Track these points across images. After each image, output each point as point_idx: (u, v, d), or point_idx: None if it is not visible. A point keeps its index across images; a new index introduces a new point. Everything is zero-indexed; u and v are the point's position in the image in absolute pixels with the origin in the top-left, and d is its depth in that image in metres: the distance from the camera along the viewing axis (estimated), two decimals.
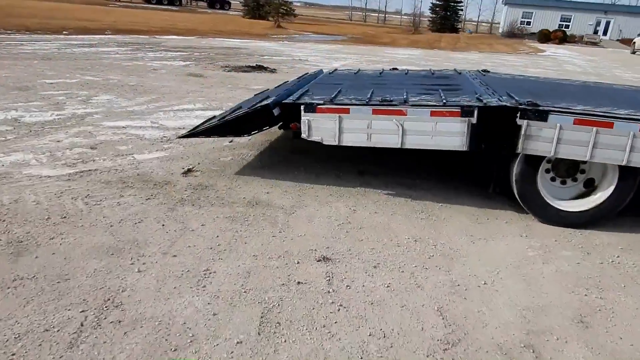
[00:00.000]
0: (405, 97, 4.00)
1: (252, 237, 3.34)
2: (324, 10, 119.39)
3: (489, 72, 5.99)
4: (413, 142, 3.84)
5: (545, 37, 40.29)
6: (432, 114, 3.73)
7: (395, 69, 6.50)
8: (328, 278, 2.89)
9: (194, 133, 4.48)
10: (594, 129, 3.51)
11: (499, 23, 64.07)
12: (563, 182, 4.03)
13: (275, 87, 5.99)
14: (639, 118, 3.46)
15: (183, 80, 9.34)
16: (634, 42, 34.65)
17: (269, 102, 4.12)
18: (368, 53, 19.44)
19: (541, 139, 3.61)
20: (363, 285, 2.84)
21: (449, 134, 3.76)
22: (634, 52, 33.86)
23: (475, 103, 3.74)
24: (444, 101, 3.81)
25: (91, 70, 9.82)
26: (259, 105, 4.16)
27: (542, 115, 3.57)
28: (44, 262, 2.80)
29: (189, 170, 4.50)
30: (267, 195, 4.09)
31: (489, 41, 39.14)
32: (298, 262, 3.05)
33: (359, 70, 6.36)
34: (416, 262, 3.18)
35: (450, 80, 5.10)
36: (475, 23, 74.51)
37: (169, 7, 52.61)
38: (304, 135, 4.00)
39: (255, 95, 6.00)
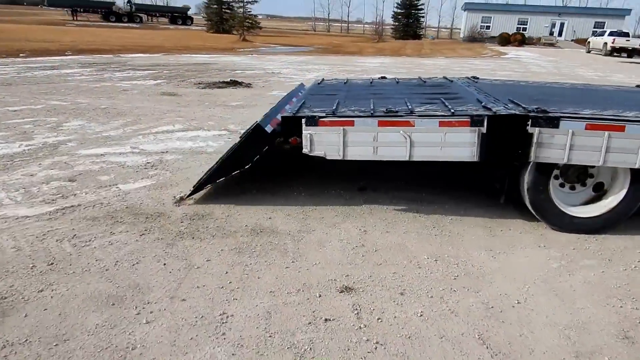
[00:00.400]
0: (410, 107, 3.85)
1: (264, 270, 3.08)
2: (286, 22, 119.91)
3: (478, 78, 5.93)
4: (421, 154, 3.67)
5: (505, 40, 41.52)
6: (441, 124, 3.58)
7: (384, 77, 6.37)
8: (356, 311, 2.66)
9: (199, 186, 4.16)
10: (606, 133, 3.44)
11: (458, 28, 65.85)
12: (572, 188, 3.95)
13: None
14: None
15: (157, 100, 8.96)
16: (589, 42, 36.12)
17: (258, 121, 3.89)
18: (339, 63, 19.42)
19: (553, 146, 3.52)
20: (395, 317, 2.63)
21: (459, 145, 3.61)
22: (589, 52, 35.25)
23: (484, 112, 3.62)
24: (452, 111, 3.67)
25: (56, 94, 9.31)
26: (249, 129, 3.92)
27: (554, 122, 3.47)
28: (36, 322, 2.46)
29: (182, 199, 4.19)
30: (269, 220, 3.84)
31: (451, 46, 40.01)
32: (320, 295, 2.80)
33: (347, 80, 6.20)
34: (442, 284, 2.99)
35: (447, 89, 4.98)
36: (436, 29, 76.39)
37: (129, 24, 51.63)
38: (305, 150, 3.78)
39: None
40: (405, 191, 4.59)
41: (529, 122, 3.50)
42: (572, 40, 45.66)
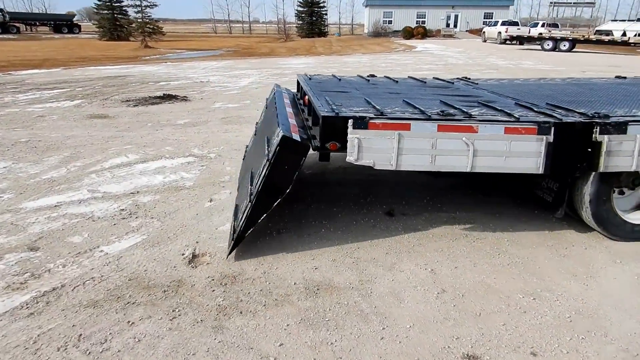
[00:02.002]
0: (465, 110, 3.42)
1: (357, 348, 2.43)
2: (181, 25, 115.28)
3: (470, 79, 5.68)
4: (484, 165, 3.25)
5: (409, 33, 43.31)
6: (507, 131, 3.19)
7: (373, 75, 5.90)
8: None
9: (241, 236, 3.28)
10: None
11: (358, 24, 67.67)
12: (621, 192, 3.77)
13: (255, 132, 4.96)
14: None
15: (89, 125, 7.63)
16: (484, 32, 38.85)
17: (282, 132, 3.15)
18: (264, 66, 18.61)
19: (622, 154, 3.27)
20: None
21: (524, 155, 3.24)
22: (485, 41, 37.92)
23: (550, 119, 3.27)
24: (517, 116, 3.29)
25: None
26: (276, 146, 3.14)
27: (622, 128, 3.23)
28: None
29: (194, 256, 3.36)
30: (317, 272, 3.17)
31: (360, 42, 40.80)
32: None
33: (337, 76, 5.67)
34: (564, 331, 2.57)
35: (468, 92, 4.61)
36: (337, 25, 77.83)
37: (5, 35, 45.91)
38: (350, 159, 3.18)
39: (247, 148, 4.96)
40: (435, 211, 4.16)
41: (596, 130, 3.22)
42: (466, 30, 48.94)
